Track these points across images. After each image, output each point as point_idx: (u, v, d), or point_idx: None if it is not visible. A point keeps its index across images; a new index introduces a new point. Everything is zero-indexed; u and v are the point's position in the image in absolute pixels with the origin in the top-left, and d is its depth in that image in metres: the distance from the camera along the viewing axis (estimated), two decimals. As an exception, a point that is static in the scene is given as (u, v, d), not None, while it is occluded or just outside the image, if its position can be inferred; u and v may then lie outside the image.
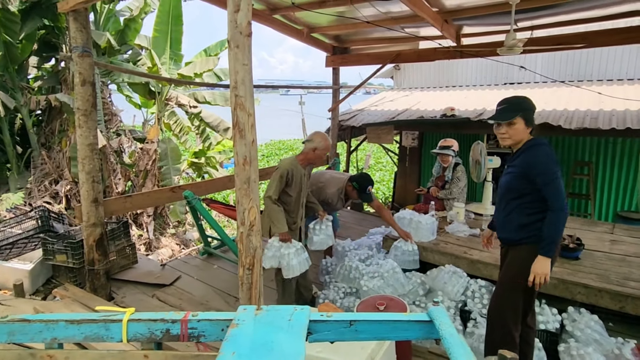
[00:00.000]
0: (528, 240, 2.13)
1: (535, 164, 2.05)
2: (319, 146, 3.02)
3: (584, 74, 6.27)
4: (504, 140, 2.18)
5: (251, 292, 2.21)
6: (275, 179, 2.93)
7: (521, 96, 2.20)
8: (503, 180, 2.27)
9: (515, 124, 2.10)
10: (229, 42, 2.12)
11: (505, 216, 2.23)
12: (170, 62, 7.31)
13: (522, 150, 2.14)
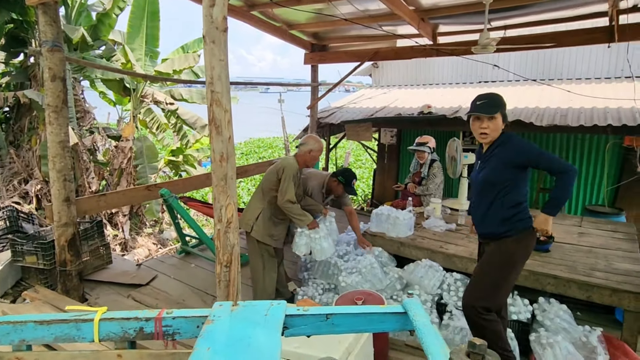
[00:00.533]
0: (511, 233, 2.15)
1: (521, 149, 2.10)
2: (314, 148, 3.12)
3: (555, 73, 6.48)
4: (484, 136, 2.18)
5: (229, 289, 2.19)
6: (288, 182, 2.96)
7: (497, 93, 2.23)
8: (480, 176, 2.25)
9: (496, 118, 2.13)
10: (204, 37, 2.09)
11: (485, 211, 2.22)
12: (145, 59, 7.14)
13: (498, 144, 2.17)
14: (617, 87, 5.57)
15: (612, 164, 5.56)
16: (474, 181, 2.35)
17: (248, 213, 3.12)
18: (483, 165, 2.24)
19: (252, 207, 3.14)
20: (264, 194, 3.12)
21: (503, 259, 2.18)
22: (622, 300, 2.53)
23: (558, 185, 2.05)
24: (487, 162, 2.21)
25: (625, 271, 2.77)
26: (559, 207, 2.09)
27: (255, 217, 3.07)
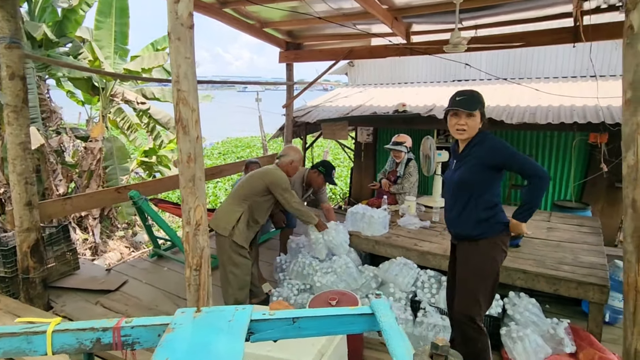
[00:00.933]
0: (487, 234, 2.10)
1: (498, 150, 2.05)
2: (295, 158, 3.24)
3: (524, 72, 6.66)
4: (461, 133, 2.11)
5: (199, 293, 2.14)
6: (287, 191, 3.08)
7: (477, 92, 2.15)
8: (456, 175, 2.18)
9: (475, 116, 2.07)
10: (169, 34, 2.03)
11: (460, 212, 2.16)
12: (115, 56, 6.92)
13: (475, 143, 2.11)
14: (582, 85, 5.76)
15: (578, 160, 5.75)
16: (448, 180, 2.28)
17: (225, 216, 3.05)
18: (459, 164, 2.18)
19: (229, 210, 3.07)
20: (244, 198, 3.08)
21: (484, 262, 2.11)
22: (587, 292, 2.61)
23: (530, 189, 2.01)
24: (463, 161, 2.15)
25: (590, 264, 2.86)
26: (531, 213, 2.06)
27: (235, 220, 3.02)
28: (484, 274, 2.12)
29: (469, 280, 2.15)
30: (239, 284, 3.06)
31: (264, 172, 3.14)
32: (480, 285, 2.12)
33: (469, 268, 2.16)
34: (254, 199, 3.06)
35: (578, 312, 3.22)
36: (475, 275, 2.13)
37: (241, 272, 3.05)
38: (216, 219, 3.07)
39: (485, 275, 2.12)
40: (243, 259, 3.06)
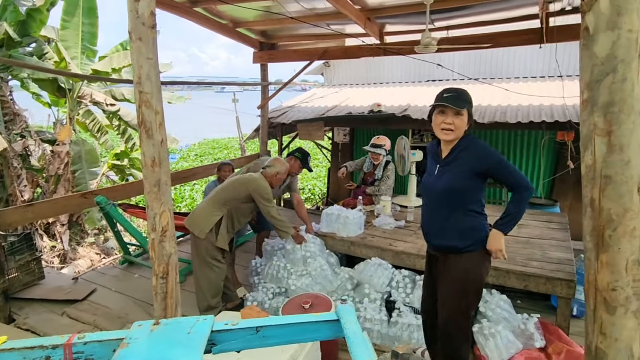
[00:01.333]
0: (473, 247, 1.98)
1: (487, 155, 1.93)
2: (281, 170, 3.26)
3: (495, 72, 6.81)
4: (447, 134, 1.93)
5: (166, 302, 2.07)
6: (269, 201, 3.10)
7: (466, 90, 1.99)
8: (441, 182, 1.99)
9: (463, 115, 1.91)
10: (130, 34, 1.96)
11: (444, 221, 2.00)
12: (82, 57, 6.68)
13: (462, 148, 1.96)
14: (550, 85, 5.93)
15: (548, 158, 5.92)
16: (429, 187, 2.08)
17: (204, 218, 2.99)
18: (443, 170, 2.00)
19: (208, 212, 3.01)
20: (224, 202, 3.04)
21: (470, 277, 2.00)
22: (555, 287, 2.68)
23: (516, 200, 1.93)
24: (449, 167, 1.98)
25: (558, 259, 2.93)
26: (514, 225, 1.96)
27: (214, 223, 2.98)
28: (470, 288, 2.02)
29: (454, 295, 2.03)
30: (213, 289, 3.01)
31: (248, 180, 3.12)
32: (466, 299, 2.04)
33: (455, 283, 2.02)
34: (235, 204, 3.06)
35: (548, 306, 3.30)
36: (461, 291, 2.01)
37: (215, 277, 3.00)
38: (193, 221, 3.01)
39: (472, 290, 2.03)
40: (218, 263, 3.01)
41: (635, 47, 1.07)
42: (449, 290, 2.06)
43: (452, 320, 2.06)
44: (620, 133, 1.10)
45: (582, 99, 1.17)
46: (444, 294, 2.09)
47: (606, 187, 1.14)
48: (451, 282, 2.04)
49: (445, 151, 2.03)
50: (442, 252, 2.07)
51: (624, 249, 1.13)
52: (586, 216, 1.21)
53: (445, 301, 2.08)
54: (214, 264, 2.98)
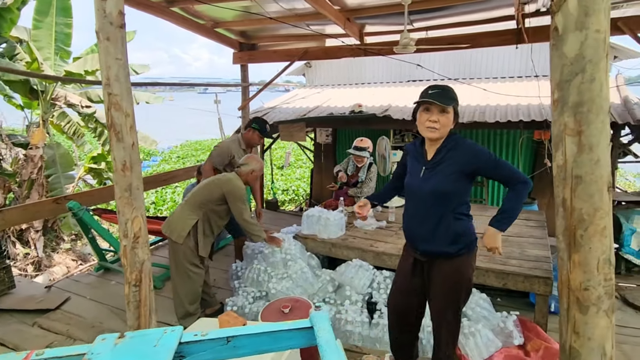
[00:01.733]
0: (463, 251, 1.94)
1: (478, 154, 1.86)
2: (256, 168, 3.17)
3: (474, 73, 6.90)
4: (432, 132, 1.85)
5: (140, 310, 2.00)
6: (243, 202, 3.01)
7: (452, 88, 1.91)
8: (429, 185, 1.90)
9: (448, 112, 1.83)
10: (97, 33, 1.89)
11: (434, 227, 1.91)
12: (55, 58, 6.47)
13: (450, 148, 1.89)
14: (527, 85, 6.04)
15: (526, 157, 6.03)
16: (415, 191, 1.98)
17: (180, 222, 2.92)
18: (430, 172, 1.92)
19: (184, 216, 2.94)
20: (200, 206, 2.96)
21: (462, 282, 1.97)
22: (533, 285, 2.71)
23: (514, 197, 1.86)
24: (437, 169, 1.90)
25: (536, 257, 2.97)
26: (512, 221, 1.90)
27: (191, 227, 2.91)
28: (463, 291, 1.99)
29: (447, 299, 1.99)
30: (191, 295, 2.94)
31: (222, 180, 3.04)
32: (459, 302, 2.01)
33: (447, 287, 1.97)
34: (210, 206, 2.98)
35: (527, 303, 3.34)
36: (455, 294, 1.98)
37: (193, 283, 2.94)
38: (169, 226, 2.94)
39: (464, 292, 2.01)
40: (196, 269, 2.94)
41: (603, 47, 1.07)
42: (441, 295, 2.00)
43: (446, 323, 2.03)
44: (590, 133, 1.10)
45: (553, 99, 1.18)
46: (437, 299, 2.03)
47: (577, 187, 1.14)
48: (444, 286, 1.98)
49: (431, 152, 1.95)
50: (431, 257, 2.00)
51: (595, 248, 1.14)
52: (558, 216, 1.21)
53: (438, 305, 2.03)
54: (192, 270, 2.91)
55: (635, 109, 4.48)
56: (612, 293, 1.15)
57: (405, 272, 2.14)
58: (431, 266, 2.01)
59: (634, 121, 4.25)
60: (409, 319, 2.20)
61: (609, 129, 1.11)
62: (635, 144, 5.28)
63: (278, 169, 16.21)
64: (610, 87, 1.17)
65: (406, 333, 2.24)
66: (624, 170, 12.94)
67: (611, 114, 4.61)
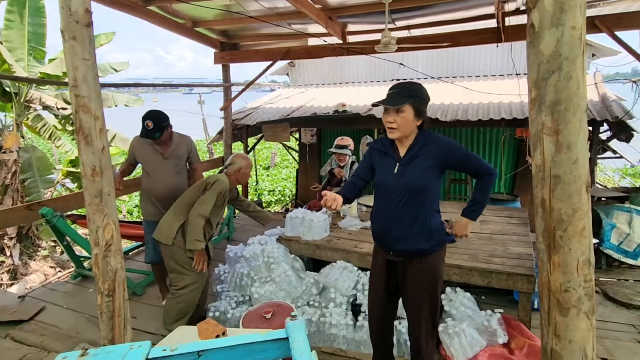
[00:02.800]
0: (437, 247, 1.95)
1: (455, 150, 1.88)
2: (242, 165, 3.06)
3: (457, 71, 6.94)
4: (391, 132, 1.88)
5: (114, 321, 1.92)
6: (211, 194, 2.82)
7: (416, 82, 1.92)
8: (404, 181, 1.88)
9: (404, 112, 1.82)
10: (62, 32, 1.80)
11: (411, 224, 1.89)
12: (29, 59, 6.26)
13: (422, 144, 1.88)
14: (508, 83, 6.10)
15: (509, 154, 6.09)
16: (389, 188, 1.93)
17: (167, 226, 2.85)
18: (404, 168, 1.90)
19: (172, 219, 2.87)
20: (186, 207, 2.87)
21: (436, 279, 1.97)
22: (517, 283, 2.71)
23: (483, 188, 1.95)
24: (411, 165, 1.89)
25: (519, 255, 2.98)
26: (482, 211, 2.01)
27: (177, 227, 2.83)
28: (437, 291, 1.99)
29: (424, 297, 1.97)
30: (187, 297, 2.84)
31: (209, 178, 2.95)
32: (434, 303, 2.01)
33: (424, 285, 1.96)
34: None
35: (511, 301, 3.35)
36: (431, 291, 1.97)
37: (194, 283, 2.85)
38: (159, 230, 2.87)
39: (437, 292, 2.01)
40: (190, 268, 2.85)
41: (579, 44, 1.05)
42: (419, 293, 1.98)
43: (424, 321, 2.01)
44: (567, 132, 1.08)
45: (530, 97, 1.15)
46: (414, 298, 2.00)
47: (556, 187, 1.12)
48: (421, 284, 1.96)
49: (403, 148, 1.94)
50: (406, 257, 1.97)
51: (574, 249, 1.12)
52: (538, 217, 1.19)
53: (416, 304, 2.01)
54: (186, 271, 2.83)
55: (613, 106, 4.55)
56: (592, 294, 1.14)
57: (379, 278, 2.10)
58: (406, 265, 1.98)
59: (612, 118, 4.32)
60: (389, 324, 2.20)
61: (586, 127, 1.10)
62: (613, 140, 5.38)
63: (264, 169, 16.11)
64: (588, 84, 1.16)
65: (386, 339, 2.22)
66: (603, 165, 13.23)
67: (590, 111, 4.69)
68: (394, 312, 2.17)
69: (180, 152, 3.29)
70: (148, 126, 3.01)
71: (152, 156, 3.19)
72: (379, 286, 2.11)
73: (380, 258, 2.08)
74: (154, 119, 3.02)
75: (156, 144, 3.15)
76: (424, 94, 1.89)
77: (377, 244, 2.12)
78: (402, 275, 2.01)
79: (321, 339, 2.74)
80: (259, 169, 15.75)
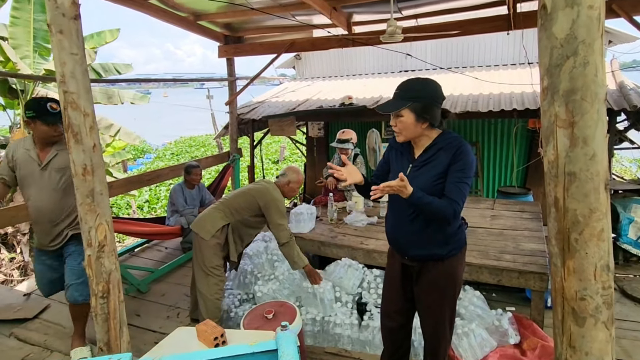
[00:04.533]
0: (455, 251, 1.84)
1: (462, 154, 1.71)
2: (292, 179, 3.03)
3: (466, 61, 6.74)
4: (397, 135, 1.79)
5: (109, 324, 1.88)
6: (282, 215, 2.82)
7: (423, 80, 1.75)
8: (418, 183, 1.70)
9: (402, 116, 1.70)
10: (49, 26, 1.74)
11: (422, 228, 1.78)
12: (34, 56, 6.26)
13: (440, 147, 1.75)
14: (520, 73, 5.90)
15: (521, 146, 5.91)
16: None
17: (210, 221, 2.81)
18: (417, 171, 1.79)
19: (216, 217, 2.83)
20: (233, 212, 2.84)
21: (454, 283, 1.87)
22: (529, 281, 2.60)
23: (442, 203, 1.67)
24: (423, 167, 1.77)
25: (531, 251, 2.86)
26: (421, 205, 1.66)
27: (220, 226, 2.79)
28: (454, 296, 1.91)
29: (442, 301, 1.88)
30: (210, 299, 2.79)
31: (260, 191, 2.88)
32: (451, 308, 1.92)
33: (442, 290, 1.86)
34: (244, 215, 2.85)
35: (523, 298, 3.25)
36: (449, 296, 1.88)
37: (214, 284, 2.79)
38: (199, 222, 2.82)
39: (455, 297, 1.92)
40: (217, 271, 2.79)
41: (598, 26, 0.94)
42: (435, 298, 1.88)
43: (441, 325, 1.92)
44: (584, 124, 0.97)
45: (542, 86, 1.04)
46: (430, 302, 1.91)
47: (570, 185, 1.01)
48: (437, 289, 1.87)
49: (418, 148, 1.82)
50: (420, 262, 1.86)
51: (591, 253, 1.01)
52: (550, 217, 1.09)
53: (432, 309, 1.92)
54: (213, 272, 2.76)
55: (631, 95, 4.35)
56: (612, 303, 1.04)
57: (395, 282, 2.00)
58: (421, 270, 1.88)
59: (630, 107, 4.13)
60: (407, 328, 2.10)
61: (605, 119, 0.98)
62: (631, 130, 5.17)
63: (273, 163, 16.08)
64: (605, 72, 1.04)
65: (403, 343, 2.12)
66: (620, 156, 12.85)
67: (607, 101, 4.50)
68: (411, 316, 2.07)
69: (64, 162, 2.40)
70: (53, 108, 2.36)
71: (27, 164, 2.42)
72: (395, 290, 2.02)
73: (396, 262, 1.97)
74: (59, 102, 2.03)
75: (33, 151, 2.44)
76: (431, 93, 1.72)
77: (392, 247, 2.03)
78: (418, 280, 1.91)
79: (325, 338, 2.68)
80: (268, 163, 15.72)
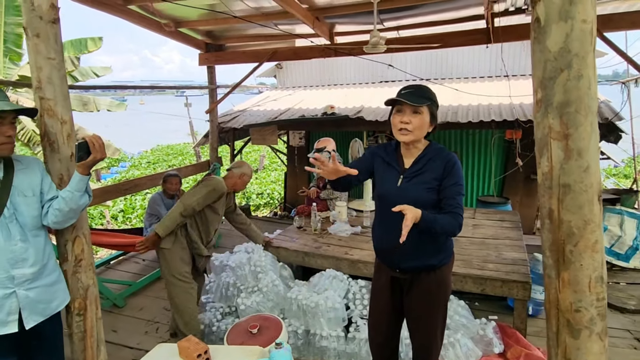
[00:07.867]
0: (446, 260, 1.83)
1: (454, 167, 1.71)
2: (246, 172, 3.00)
3: (446, 73, 6.90)
4: (404, 134, 1.70)
5: (85, 342, 1.77)
6: (204, 191, 2.72)
7: (428, 87, 1.78)
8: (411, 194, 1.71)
9: (421, 113, 1.68)
10: (25, 29, 1.66)
11: (418, 240, 1.69)
12: (5, 60, 6.02)
13: (429, 158, 1.75)
14: (498, 85, 6.07)
15: (498, 156, 6.05)
16: (391, 201, 1.65)
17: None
18: (408, 182, 1.76)
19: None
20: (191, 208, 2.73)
21: (445, 292, 1.86)
22: (512, 290, 2.63)
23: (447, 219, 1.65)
24: (413, 179, 1.75)
25: (513, 260, 2.90)
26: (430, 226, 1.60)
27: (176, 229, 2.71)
28: (446, 305, 1.89)
29: (434, 312, 1.85)
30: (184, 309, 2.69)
31: (209, 181, 2.81)
32: (443, 317, 1.90)
33: (434, 301, 1.83)
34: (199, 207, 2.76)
35: (505, 306, 3.29)
36: (440, 306, 1.86)
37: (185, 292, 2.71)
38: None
39: (446, 305, 1.90)
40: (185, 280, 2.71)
41: (590, 40, 0.96)
42: (428, 308, 1.85)
43: (433, 335, 1.88)
44: (578, 136, 0.99)
45: (536, 98, 1.05)
46: (422, 313, 1.87)
47: (565, 197, 1.02)
48: (429, 299, 1.83)
49: (408, 158, 1.79)
50: (411, 273, 1.82)
51: (586, 265, 1.02)
52: (544, 229, 1.09)
53: (424, 320, 1.87)
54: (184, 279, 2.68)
55: (602, 107, 4.54)
56: (605, 314, 1.04)
57: (382, 297, 1.95)
58: (413, 282, 1.84)
59: (602, 119, 4.30)
60: (395, 342, 2.06)
61: (597, 131, 1.00)
62: (601, 141, 5.38)
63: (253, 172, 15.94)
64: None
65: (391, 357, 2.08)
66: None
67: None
68: (399, 328, 2.03)
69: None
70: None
71: None
72: (384, 304, 1.95)
73: (384, 275, 1.91)
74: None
75: None
76: (437, 100, 1.76)
77: (380, 260, 1.95)
78: (409, 291, 1.87)
79: (311, 351, 2.62)
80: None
